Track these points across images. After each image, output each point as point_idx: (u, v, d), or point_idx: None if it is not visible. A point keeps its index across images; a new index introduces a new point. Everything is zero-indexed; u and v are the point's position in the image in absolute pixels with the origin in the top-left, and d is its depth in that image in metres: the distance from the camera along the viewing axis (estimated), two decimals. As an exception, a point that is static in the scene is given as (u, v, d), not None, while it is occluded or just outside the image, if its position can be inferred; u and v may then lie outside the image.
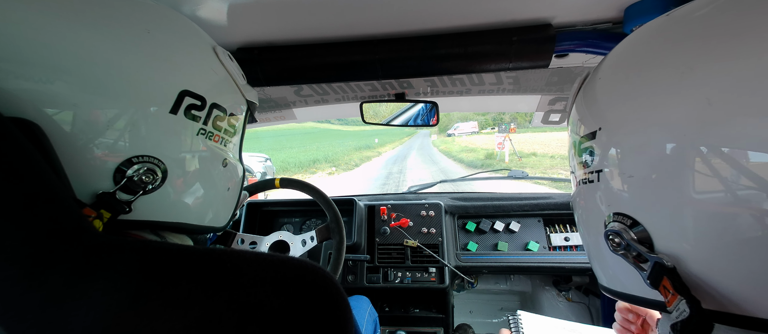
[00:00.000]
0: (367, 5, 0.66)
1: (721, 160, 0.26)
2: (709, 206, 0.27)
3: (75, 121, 0.34)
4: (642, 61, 0.35)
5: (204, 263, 0.31)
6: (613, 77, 0.38)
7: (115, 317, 0.26)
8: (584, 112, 0.41)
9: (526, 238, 1.38)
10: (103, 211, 0.35)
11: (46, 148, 0.32)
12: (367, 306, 1.17)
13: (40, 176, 0.27)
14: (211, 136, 0.46)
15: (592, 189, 0.38)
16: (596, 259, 0.42)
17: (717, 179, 0.26)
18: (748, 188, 0.25)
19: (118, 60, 0.36)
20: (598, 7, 0.69)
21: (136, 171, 0.37)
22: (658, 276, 0.30)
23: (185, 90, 0.41)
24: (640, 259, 0.33)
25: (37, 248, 0.25)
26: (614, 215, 0.35)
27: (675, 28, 0.33)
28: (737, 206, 0.26)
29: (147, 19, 0.40)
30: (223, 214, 0.52)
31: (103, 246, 0.29)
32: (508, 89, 1.20)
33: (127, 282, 0.28)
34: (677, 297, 0.28)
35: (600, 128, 0.36)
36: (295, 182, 1.06)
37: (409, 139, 38.10)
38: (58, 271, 0.26)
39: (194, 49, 0.45)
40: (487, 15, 0.71)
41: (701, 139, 0.27)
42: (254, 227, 1.55)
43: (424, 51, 0.79)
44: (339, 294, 0.34)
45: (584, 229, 0.43)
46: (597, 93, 0.39)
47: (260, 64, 0.82)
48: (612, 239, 0.34)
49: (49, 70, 0.32)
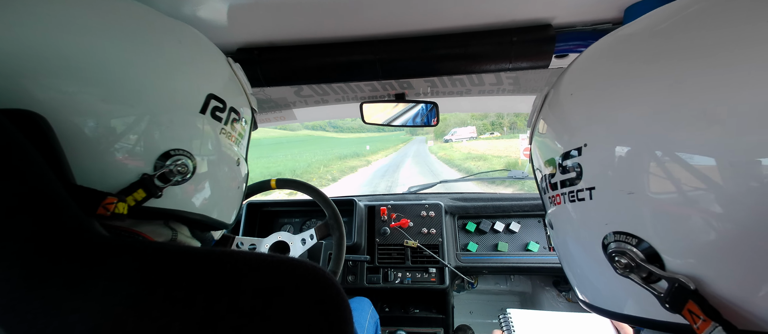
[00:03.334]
0: (367, 5, 0.66)
1: (746, 170, 0.24)
2: (734, 220, 0.25)
3: (124, 122, 0.38)
4: (624, 68, 0.33)
5: (204, 264, 0.31)
6: (592, 88, 0.36)
7: (116, 318, 0.26)
8: (562, 128, 0.38)
9: (526, 238, 1.38)
10: (134, 194, 0.38)
11: (48, 141, 0.32)
12: (369, 308, 1.17)
13: (39, 175, 0.27)
14: (229, 136, 0.51)
15: (583, 208, 0.35)
16: (588, 280, 0.39)
17: (741, 190, 0.24)
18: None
19: (162, 67, 0.42)
20: (598, 8, 0.69)
21: (173, 162, 0.42)
22: (680, 299, 0.27)
23: (211, 93, 0.47)
24: (649, 280, 0.30)
25: (39, 248, 0.25)
26: (614, 234, 0.32)
27: (649, 38, 0.32)
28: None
29: (178, 32, 0.47)
30: (232, 211, 0.56)
31: (103, 246, 0.29)
32: (508, 90, 1.20)
33: (128, 283, 0.28)
34: (709, 324, 0.25)
35: (585, 144, 0.34)
36: (292, 181, 1.06)
37: (404, 145, 36.52)
38: (59, 271, 0.26)
39: (214, 59, 0.51)
40: (487, 15, 0.71)
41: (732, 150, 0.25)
42: (254, 227, 1.55)
43: (424, 51, 0.79)
44: (339, 295, 0.34)
45: (574, 248, 0.40)
46: (575, 107, 0.37)
47: (260, 64, 0.82)
48: (618, 261, 0.32)
49: (109, 84, 0.38)
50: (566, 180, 0.37)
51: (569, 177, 0.36)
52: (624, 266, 0.31)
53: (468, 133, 36.95)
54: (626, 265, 0.31)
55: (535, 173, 0.49)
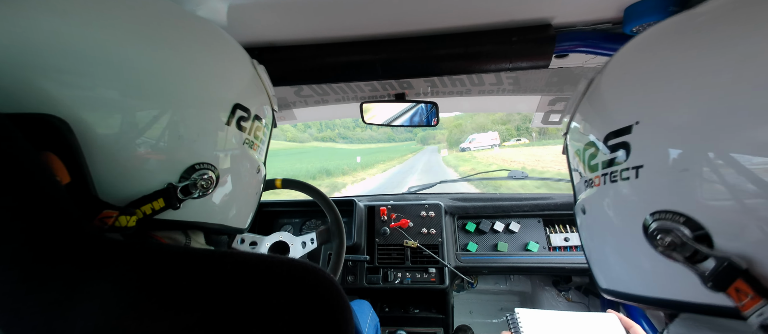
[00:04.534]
0: (368, 6, 0.66)
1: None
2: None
3: (150, 125, 0.36)
4: (681, 50, 0.33)
5: (204, 265, 0.31)
6: (644, 70, 0.36)
7: (116, 319, 0.26)
8: (609, 109, 0.39)
9: (526, 238, 1.38)
10: (153, 203, 0.37)
11: (70, 145, 0.32)
12: (369, 310, 1.17)
13: (40, 177, 0.27)
14: (252, 145, 0.49)
15: (627, 186, 0.35)
16: (620, 264, 0.39)
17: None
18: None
19: (187, 79, 0.39)
20: (598, 8, 0.69)
21: (200, 176, 0.40)
22: (728, 278, 0.28)
23: (237, 103, 0.44)
24: (693, 259, 0.30)
25: (38, 250, 0.25)
26: (659, 212, 0.32)
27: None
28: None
29: (203, 36, 0.43)
30: (248, 215, 0.55)
31: (104, 248, 0.29)
32: (508, 90, 1.20)
33: (128, 284, 0.28)
34: (759, 301, 0.26)
35: (637, 122, 0.34)
36: (297, 182, 1.06)
37: (413, 156, 29.35)
38: (59, 273, 0.26)
39: (241, 65, 0.49)
40: (487, 15, 0.72)
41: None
42: (254, 227, 1.54)
43: (424, 51, 0.79)
44: (340, 296, 0.34)
45: (609, 231, 0.40)
46: (626, 88, 0.37)
47: (260, 64, 0.82)
48: (661, 238, 0.31)
49: (126, 92, 0.35)
50: (610, 160, 0.37)
51: (614, 156, 0.36)
52: (667, 244, 0.31)
53: (490, 140, 30.36)
54: (670, 243, 0.31)
55: (568, 162, 0.49)
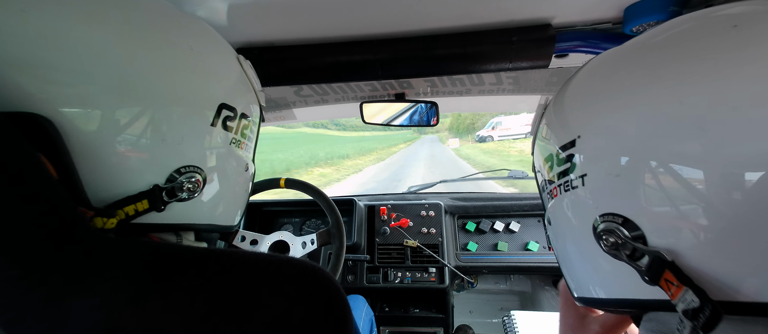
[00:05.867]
0: (367, 5, 0.66)
1: (702, 147, 0.27)
2: (704, 196, 0.28)
3: (133, 124, 0.36)
4: (613, 74, 0.38)
5: (204, 263, 0.31)
6: (587, 91, 0.41)
7: (116, 318, 0.26)
8: (559, 126, 0.43)
9: (526, 238, 1.38)
10: (136, 205, 0.37)
11: (56, 144, 0.31)
12: (364, 306, 1.17)
13: (38, 175, 0.27)
14: (239, 144, 0.48)
15: (576, 195, 0.39)
16: (581, 269, 0.42)
17: (703, 167, 0.28)
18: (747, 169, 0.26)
19: (171, 78, 0.38)
20: (598, 7, 0.69)
21: (187, 179, 0.40)
22: (658, 270, 0.30)
23: (223, 103, 0.44)
24: (633, 256, 0.33)
25: (37, 248, 0.25)
26: (602, 215, 0.35)
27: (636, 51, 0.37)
28: (736, 191, 0.26)
29: (188, 34, 0.42)
30: (237, 213, 0.54)
31: (103, 246, 0.29)
32: (508, 89, 1.20)
33: (128, 282, 0.28)
34: (682, 289, 0.28)
35: (579, 136, 0.38)
36: (300, 183, 1.06)
37: (408, 145, 25.45)
38: (58, 271, 0.26)
39: (226, 62, 0.48)
40: (487, 15, 0.71)
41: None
42: (254, 226, 1.55)
43: (424, 51, 0.79)
44: (339, 294, 0.34)
45: (568, 238, 0.43)
46: (573, 107, 0.42)
47: (260, 64, 0.82)
48: (605, 239, 0.35)
49: (109, 90, 0.34)
50: (562, 171, 0.41)
51: (565, 168, 0.40)
52: (611, 244, 0.34)
53: (521, 125, 19.26)
54: (613, 243, 0.34)
55: (535, 174, 0.52)
